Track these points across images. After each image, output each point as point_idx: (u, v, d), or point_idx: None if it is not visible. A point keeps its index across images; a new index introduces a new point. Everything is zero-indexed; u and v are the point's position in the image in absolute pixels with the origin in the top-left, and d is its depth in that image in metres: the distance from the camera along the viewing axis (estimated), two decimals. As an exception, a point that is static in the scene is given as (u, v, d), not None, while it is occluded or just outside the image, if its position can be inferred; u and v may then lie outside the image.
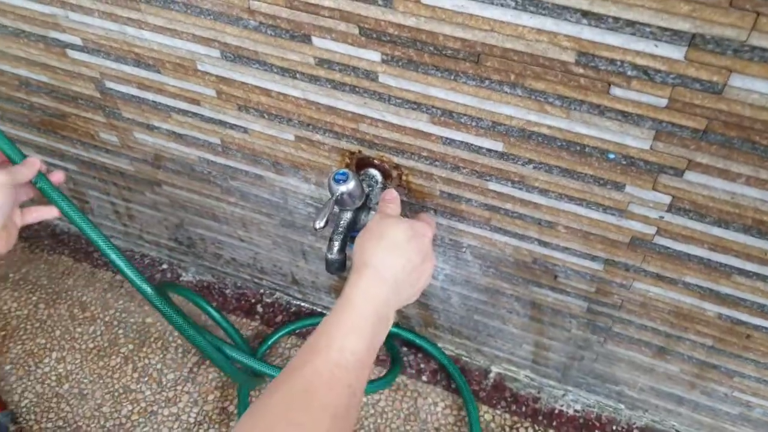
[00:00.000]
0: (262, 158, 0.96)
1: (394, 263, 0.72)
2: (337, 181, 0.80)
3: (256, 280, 1.35)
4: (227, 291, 1.38)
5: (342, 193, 0.80)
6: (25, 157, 0.84)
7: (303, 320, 1.30)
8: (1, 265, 1.43)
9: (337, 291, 1.25)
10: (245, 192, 1.06)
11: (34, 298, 1.38)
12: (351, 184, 0.80)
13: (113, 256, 0.90)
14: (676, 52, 0.57)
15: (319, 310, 1.33)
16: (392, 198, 0.81)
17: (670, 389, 1.05)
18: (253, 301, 1.36)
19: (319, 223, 0.80)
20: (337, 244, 0.83)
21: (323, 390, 0.61)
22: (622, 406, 1.16)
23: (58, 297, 1.38)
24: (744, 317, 0.83)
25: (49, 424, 1.23)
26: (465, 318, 1.13)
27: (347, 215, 0.84)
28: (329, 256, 0.84)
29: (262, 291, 1.37)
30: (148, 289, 0.92)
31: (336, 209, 0.84)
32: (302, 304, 1.34)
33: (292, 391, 0.61)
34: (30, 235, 1.47)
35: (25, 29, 0.92)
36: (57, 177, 0.87)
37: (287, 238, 1.14)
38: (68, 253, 1.45)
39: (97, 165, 1.18)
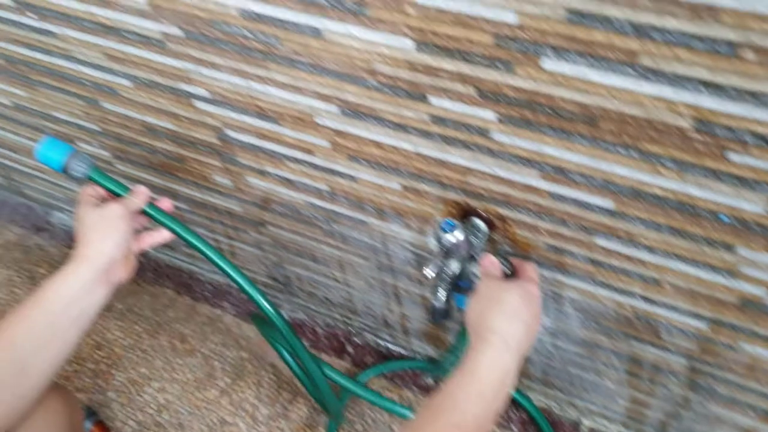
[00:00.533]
0: (366, 205, 1.00)
1: (517, 330, 0.75)
2: (446, 231, 0.83)
3: (347, 320, 1.39)
4: (318, 329, 1.42)
5: (450, 243, 0.83)
6: (129, 189, 0.90)
7: (392, 362, 1.32)
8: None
9: (427, 337, 1.28)
10: (346, 235, 1.11)
11: (138, 328, 1.45)
12: (459, 234, 0.83)
13: (230, 271, 0.94)
14: (799, 122, 0.58)
15: (409, 354, 1.35)
16: (492, 262, 0.84)
17: (773, 454, 1.02)
18: (343, 340, 1.40)
19: (430, 273, 0.83)
20: (443, 293, 0.86)
21: None
22: (720, 468, 1.14)
23: (160, 328, 1.45)
24: None
25: (150, 451, 1.29)
26: (559, 370, 1.13)
27: (453, 264, 0.86)
28: (436, 305, 0.87)
29: (352, 331, 1.40)
30: (266, 305, 0.96)
31: (443, 259, 0.87)
32: (392, 346, 1.37)
33: None
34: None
35: (158, 81, 1.00)
36: (165, 204, 0.93)
37: (382, 281, 1.18)
38: (171, 286, 1.52)
39: (207, 205, 1.25)
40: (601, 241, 0.83)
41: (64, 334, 0.79)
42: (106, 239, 0.83)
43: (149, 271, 1.55)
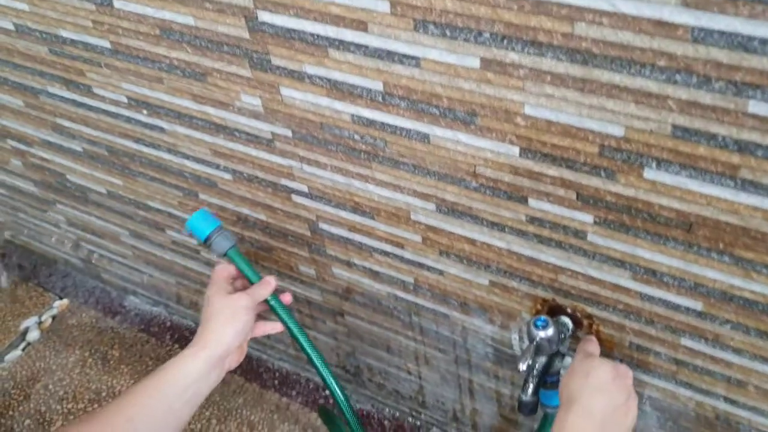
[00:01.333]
0: (451, 298, 1.05)
1: (600, 400, 0.78)
2: (538, 327, 0.87)
3: (414, 413, 1.41)
4: (385, 422, 1.44)
5: (542, 339, 0.87)
6: (260, 276, 0.96)
7: (460, 457, 1.33)
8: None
9: (495, 431, 1.29)
10: (426, 328, 1.15)
11: (207, 413, 1.48)
12: (550, 331, 0.87)
13: (329, 380, 0.99)
14: None
15: (476, 448, 1.36)
16: (592, 339, 0.88)
17: None
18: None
19: (522, 366, 0.86)
20: (531, 387, 0.89)
21: None
22: None
23: (229, 414, 1.48)
24: None
25: None
26: (632, 470, 1.13)
27: (542, 359, 0.90)
28: (524, 398, 0.90)
29: (419, 425, 1.42)
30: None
31: (534, 354, 0.90)
32: (459, 441, 1.38)
33: None
34: (207, 353, 1.60)
35: (260, 175, 1.07)
36: (287, 298, 0.99)
37: (458, 375, 1.21)
38: (239, 372, 1.56)
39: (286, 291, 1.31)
40: (687, 342, 0.86)
41: (178, 414, 0.83)
42: (228, 328, 0.89)
43: (218, 356, 1.59)
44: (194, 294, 1.53)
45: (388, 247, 1.04)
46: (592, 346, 0.88)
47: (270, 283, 0.97)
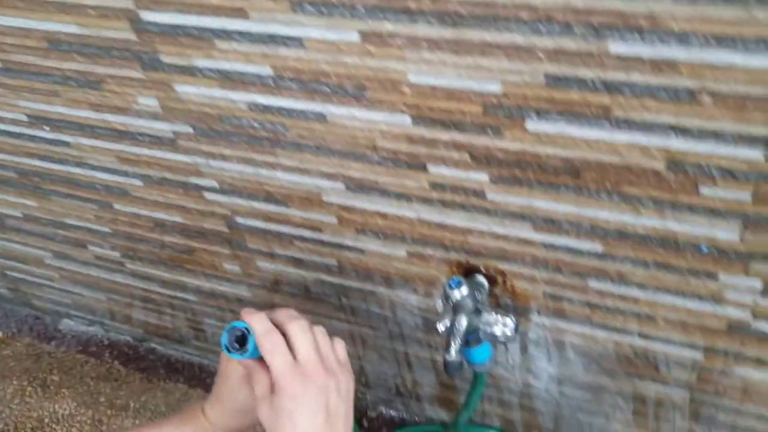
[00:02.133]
0: (374, 275, 1.07)
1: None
2: (453, 288, 0.90)
3: (359, 395, 1.43)
4: (332, 408, 1.45)
5: (457, 299, 0.90)
6: None
7: (409, 428, 1.36)
8: (121, 395, 1.54)
9: (439, 401, 1.32)
10: (356, 307, 1.17)
11: (153, 424, 1.47)
12: (464, 290, 0.90)
13: None
14: (755, 154, 0.67)
15: (423, 421, 1.39)
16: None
17: (781, 478, 1.06)
18: (357, 416, 1.43)
19: (441, 327, 0.89)
20: (455, 346, 0.92)
21: None
22: (734, 501, 1.17)
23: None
24: None
25: None
26: (569, 418, 1.18)
27: (461, 318, 0.93)
28: (448, 358, 0.92)
29: (365, 405, 1.44)
30: None
31: (452, 315, 0.93)
32: (406, 416, 1.40)
33: None
34: (147, 366, 1.59)
35: (168, 177, 1.07)
36: None
37: (394, 349, 1.23)
38: (183, 380, 1.55)
39: (216, 294, 1.31)
40: (595, 284, 0.90)
41: None
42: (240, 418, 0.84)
43: (161, 367, 1.58)
44: (126, 308, 1.52)
45: (306, 233, 1.05)
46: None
47: None
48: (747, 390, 0.94)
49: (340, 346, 0.80)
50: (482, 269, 0.96)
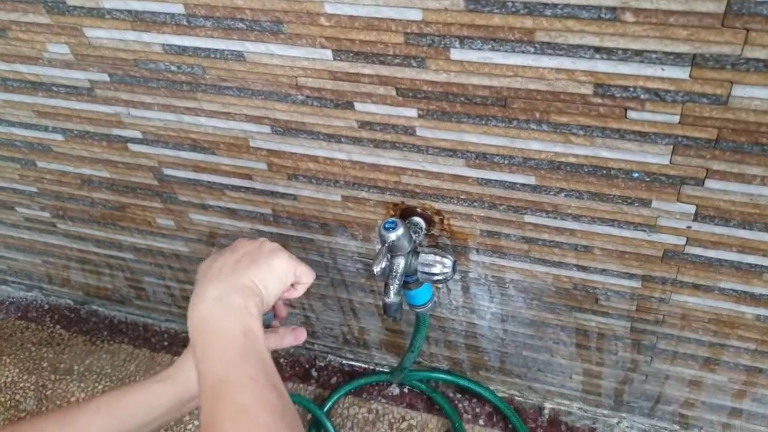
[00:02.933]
0: (311, 222, 1.04)
1: (205, 280, 0.70)
2: (387, 230, 0.88)
3: (308, 346, 1.41)
4: (281, 360, 1.44)
5: (392, 240, 0.88)
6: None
7: (358, 379, 1.35)
8: (64, 358, 1.50)
9: (386, 345, 1.31)
10: (296, 257, 1.14)
11: (100, 386, 1.44)
12: (400, 231, 0.87)
13: None
14: (681, 73, 0.65)
15: (372, 367, 1.38)
16: None
17: (721, 401, 1.08)
18: (307, 366, 1.42)
19: (377, 268, 0.87)
20: (393, 288, 0.90)
21: (218, 409, 0.58)
22: (677, 427, 1.20)
23: (123, 383, 1.44)
24: (780, 315, 0.88)
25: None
26: (514, 355, 1.18)
27: (399, 260, 0.91)
28: (386, 299, 0.91)
29: (314, 355, 1.42)
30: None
31: (389, 257, 0.91)
32: (354, 363, 1.39)
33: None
34: (90, 329, 1.55)
35: (90, 130, 1.02)
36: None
37: (337, 297, 1.21)
38: (127, 341, 1.52)
39: (153, 251, 1.27)
40: (531, 218, 0.89)
41: None
42: None
43: (104, 329, 1.54)
44: (63, 271, 1.47)
45: (237, 181, 1.02)
46: None
47: (283, 338, 0.82)
48: (685, 316, 0.94)
49: None
50: (419, 210, 0.94)
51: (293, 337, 0.84)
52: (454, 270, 0.92)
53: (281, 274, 0.74)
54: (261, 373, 0.61)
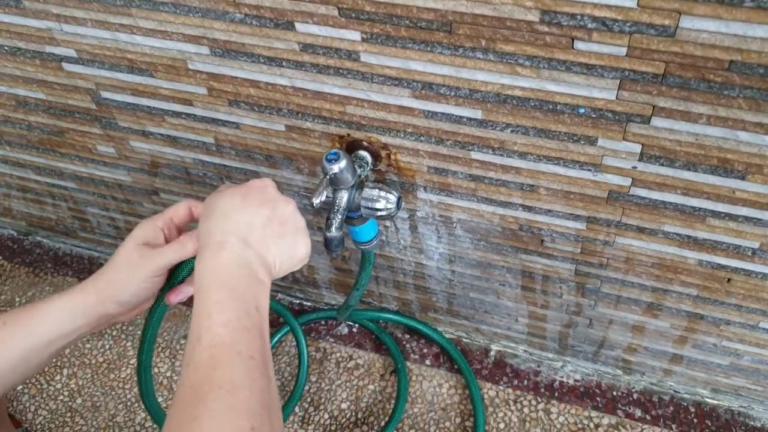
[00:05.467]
0: (255, 153, 1.01)
1: (230, 225, 0.67)
2: (330, 161, 0.85)
3: (256, 284, 1.39)
4: (229, 297, 1.42)
5: (335, 173, 0.85)
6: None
7: (304, 315, 1.33)
8: (5, 290, 1.46)
9: (335, 285, 1.29)
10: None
11: None
12: (343, 163, 0.85)
13: None
14: (629, 1, 0.62)
15: (322, 306, 1.37)
16: (225, 185, 0.76)
17: (663, 347, 1.09)
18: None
19: (316, 200, 0.84)
20: (335, 222, 0.88)
21: (211, 375, 0.57)
22: (620, 372, 1.20)
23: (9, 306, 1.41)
24: (722, 260, 0.87)
25: (65, 437, 1.26)
26: (461, 297, 1.17)
27: (342, 195, 0.88)
28: (327, 234, 0.89)
29: (263, 294, 1.40)
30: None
31: (331, 190, 0.88)
32: (305, 302, 1.38)
33: (189, 392, 0.57)
34: (33, 260, 1.51)
35: (21, 46, 0.97)
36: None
37: (284, 234, 1.18)
38: (72, 273, 1.48)
39: (95, 180, 1.23)
40: (477, 155, 0.86)
41: (38, 362, 0.70)
42: (122, 285, 0.71)
43: (48, 261, 1.50)
44: (4, 199, 1.42)
45: (177, 107, 0.98)
46: (223, 186, 0.74)
47: (184, 245, 0.72)
48: (629, 260, 0.93)
49: None
50: (365, 143, 0.91)
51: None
52: (398, 206, 0.90)
53: (296, 263, 0.72)
54: (258, 354, 0.60)
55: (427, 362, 1.28)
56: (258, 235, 0.67)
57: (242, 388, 0.56)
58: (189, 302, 0.72)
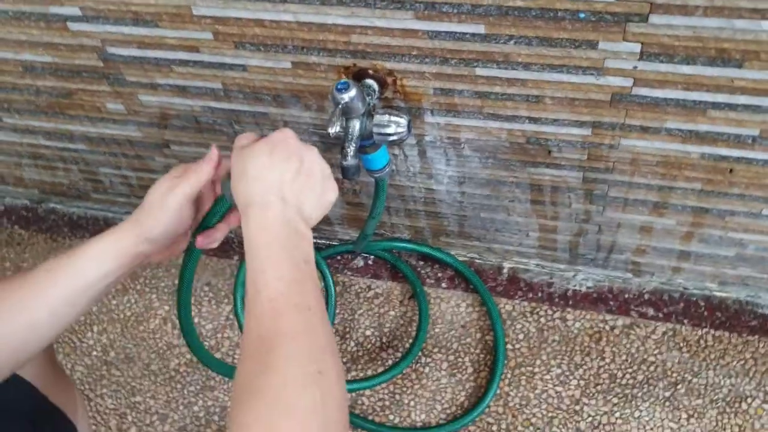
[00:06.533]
0: (262, 94, 1.04)
1: (267, 185, 0.70)
2: (340, 90, 0.87)
3: (271, 228, 1.43)
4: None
5: (346, 102, 0.88)
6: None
7: (322, 252, 1.38)
8: (26, 257, 1.50)
9: (347, 220, 1.33)
10: (251, 134, 1.13)
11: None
12: (353, 92, 0.87)
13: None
14: None
15: (335, 242, 1.40)
16: (241, 136, 0.77)
17: (670, 245, 1.14)
18: (271, 248, 1.44)
19: (332, 130, 0.88)
20: (350, 150, 0.91)
21: (274, 326, 0.61)
22: (630, 275, 1.26)
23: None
24: (724, 151, 0.91)
25: (104, 390, 1.31)
26: (472, 218, 1.21)
27: (354, 123, 0.91)
28: (344, 162, 0.92)
29: (278, 237, 1.44)
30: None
31: (343, 120, 0.91)
32: (318, 240, 1.42)
33: (256, 341, 0.61)
34: (49, 227, 1.54)
35: (26, 10, 0.99)
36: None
37: (296, 174, 1.22)
38: (89, 236, 1.51)
39: (106, 139, 1.25)
40: (482, 71, 0.89)
41: (80, 307, 0.72)
42: (154, 220, 0.74)
43: (64, 226, 1.53)
44: (15, 169, 1.45)
45: (183, 55, 1.00)
46: (242, 139, 0.76)
47: (200, 169, 0.76)
48: (634, 161, 0.97)
49: None
50: (371, 72, 0.94)
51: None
52: (409, 129, 0.93)
53: (327, 209, 0.75)
54: (314, 303, 0.64)
55: (443, 285, 1.33)
56: (292, 190, 0.70)
57: (304, 334, 0.61)
58: (213, 253, 0.77)
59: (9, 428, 0.79)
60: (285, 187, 0.70)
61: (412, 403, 1.23)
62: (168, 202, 0.74)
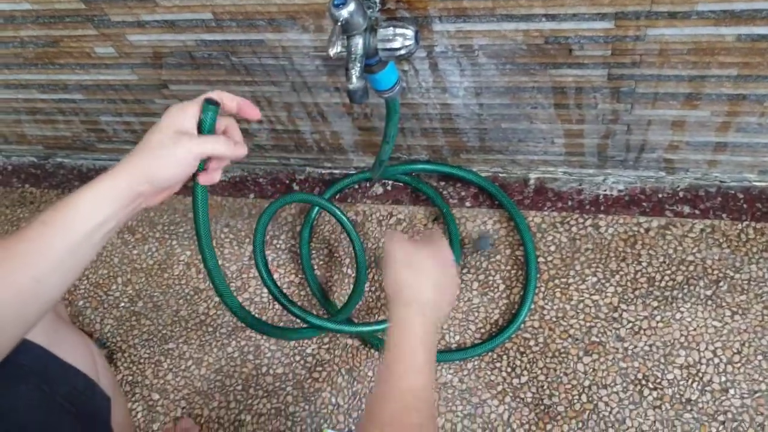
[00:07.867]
0: (256, 19, 0.97)
1: (415, 290, 0.82)
2: (337, 6, 0.81)
3: (284, 162, 1.38)
4: (260, 180, 1.41)
5: (345, 18, 0.81)
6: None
7: (337, 183, 1.33)
8: (42, 216, 1.47)
9: (361, 146, 1.27)
10: (249, 64, 1.07)
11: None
12: (351, 6, 0.81)
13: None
14: None
15: (351, 171, 1.35)
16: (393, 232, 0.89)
17: (705, 138, 1.07)
18: (287, 182, 1.39)
19: (332, 50, 0.81)
20: (355, 71, 0.85)
21: (412, 410, 0.74)
22: (663, 173, 1.19)
23: (105, 229, 1.42)
24: (762, 30, 0.84)
25: (136, 340, 1.30)
26: (493, 130, 1.15)
27: (357, 41, 0.85)
28: (350, 86, 0.85)
29: (293, 170, 1.39)
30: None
31: (344, 38, 0.85)
32: (334, 171, 1.37)
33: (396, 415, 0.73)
34: (59, 182, 1.50)
35: (-8, -46, 0.92)
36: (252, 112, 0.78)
37: (302, 103, 1.16)
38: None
39: (101, 86, 1.20)
40: (491, -31, 0.82)
41: (84, 255, 0.69)
42: (161, 166, 0.71)
43: (74, 179, 1.50)
44: (16, 126, 1.40)
45: (167, -14, 0.93)
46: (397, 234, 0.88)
47: (228, 142, 0.74)
48: (663, 51, 0.90)
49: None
50: (370, -17, 0.87)
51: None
52: (416, 41, 0.86)
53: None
54: (431, 399, 0.77)
55: (467, 204, 1.28)
56: (432, 304, 0.82)
57: (427, 418, 0.74)
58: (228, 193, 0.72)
59: (21, 391, 0.77)
60: (428, 303, 0.82)
61: (445, 326, 1.20)
62: (182, 156, 0.70)
